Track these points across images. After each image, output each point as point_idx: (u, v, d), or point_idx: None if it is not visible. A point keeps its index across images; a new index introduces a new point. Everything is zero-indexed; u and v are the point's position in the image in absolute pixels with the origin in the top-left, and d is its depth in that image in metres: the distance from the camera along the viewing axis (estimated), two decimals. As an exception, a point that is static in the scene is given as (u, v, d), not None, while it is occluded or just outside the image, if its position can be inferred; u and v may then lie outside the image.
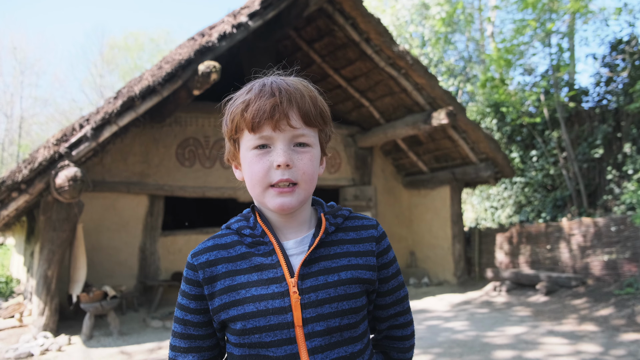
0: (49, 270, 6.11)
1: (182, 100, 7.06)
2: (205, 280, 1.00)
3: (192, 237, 8.65)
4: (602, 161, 10.53)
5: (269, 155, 0.97)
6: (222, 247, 1.04)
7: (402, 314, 1.15)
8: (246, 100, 0.98)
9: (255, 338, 0.96)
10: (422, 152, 10.33)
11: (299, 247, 1.03)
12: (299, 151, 0.98)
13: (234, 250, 1.03)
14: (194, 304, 1.02)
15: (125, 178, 8.11)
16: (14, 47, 29.22)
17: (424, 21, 17.41)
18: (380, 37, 8.35)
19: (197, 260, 1.02)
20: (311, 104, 1.00)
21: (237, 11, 7.16)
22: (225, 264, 1.01)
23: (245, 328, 0.96)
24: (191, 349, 1.03)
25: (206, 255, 1.03)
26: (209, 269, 1.01)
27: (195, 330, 1.03)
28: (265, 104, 0.95)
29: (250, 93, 0.99)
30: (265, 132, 0.96)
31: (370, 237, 1.08)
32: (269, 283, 0.97)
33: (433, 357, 4.69)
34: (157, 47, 29.83)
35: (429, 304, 7.77)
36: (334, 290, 0.99)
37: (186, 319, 1.03)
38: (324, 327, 0.97)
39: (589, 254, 8.14)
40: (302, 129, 0.98)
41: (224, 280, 1.00)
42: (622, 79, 10.25)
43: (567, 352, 4.67)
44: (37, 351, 5.31)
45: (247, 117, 0.96)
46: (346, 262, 1.03)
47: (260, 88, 0.99)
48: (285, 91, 0.98)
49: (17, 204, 5.88)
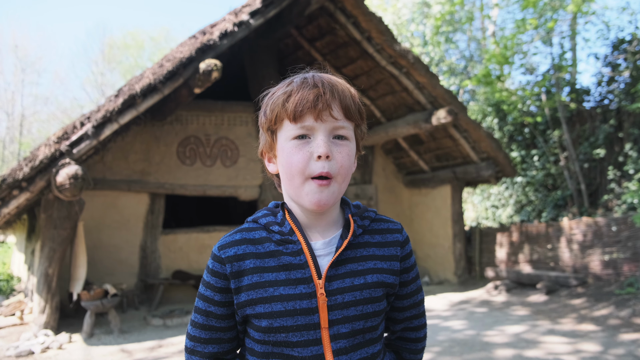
0: (50, 268, 6.12)
1: (183, 99, 7.06)
2: (232, 274, 1.00)
3: (193, 236, 8.65)
4: (603, 161, 10.52)
5: (309, 145, 0.97)
6: (250, 242, 1.03)
7: (417, 317, 1.17)
8: (288, 92, 0.99)
9: (281, 337, 0.97)
10: (423, 151, 10.33)
11: (327, 247, 1.03)
12: (338, 144, 0.98)
13: (262, 246, 1.02)
14: (219, 297, 1.02)
15: (126, 176, 8.11)
16: (16, 45, 29.25)
17: (425, 20, 17.38)
18: (381, 36, 8.34)
19: (225, 254, 1.01)
20: (351, 98, 1.01)
21: (239, 9, 7.16)
22: (254, 260, 1.00)
23: (271, 326, 0.96)
24: (212, 340, 1.04)
25: (234, 249, 1.02)
26: (237, 263, 1.00)
27: (218, 322, 1.03)
28: (309, 94, 0.96)
29: (291, 85, 1.00)
30: (307, 122, 0.96)
31: (395, 241, 1.09)
32: (297, 283, 0.98)
33: (433, 355, 4.69)
34: (158, 45, 29.84)
35: (429, 303, 7.78)
36: (359, 293, 1.00)
37: (209, 310, 1.03)
38: (349, 329, 0.99)
39: (590, 253, 8.13)
40: (342, 121, 0.98)
41: (251, 275, 0.99)
42: (624, 79, 10.23)
43: (566, 351, 4.67)
44: (38, 349, 5.32)
45: (289, 106, 0.96)
46: (372, 265, 1.04)
47: (302, 80, 1.00)
48: (328, 83, 0.99)
49: (18, 202, 5.88)
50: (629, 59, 10.06)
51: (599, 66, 10.97)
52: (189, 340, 1.06)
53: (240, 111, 9.10)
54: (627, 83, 10.10)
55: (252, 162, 9.07)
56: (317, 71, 1.06)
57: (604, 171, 10.46)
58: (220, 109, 8.92)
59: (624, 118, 10.11)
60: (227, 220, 11.93)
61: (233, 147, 9.00)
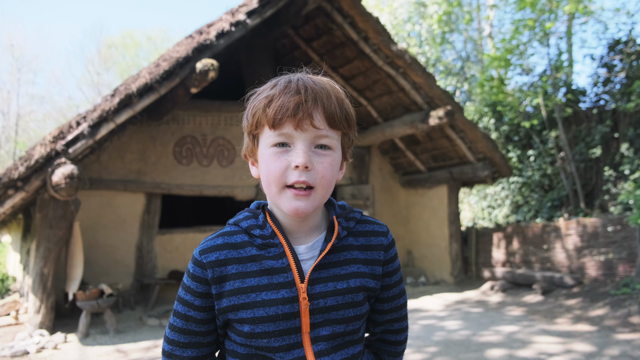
0: (45, 268, 6.09)
1: (180, 98, 7.05)
2: (213, 279, 0.98)
3: (189, 236, 8.64)
4: (599, 161, 10.55)
5: (288, 154, 0.94)
6: (232, 247, 1.00)
7: (398, 320, 1.16)
8: (270, 96, 0.95)
9: (263, 342, 0.96)
10: (419, 151, 10.34)
11: (310, 251, 1.02)
12: (319, 153, 0.95)
13: (244, 251, 1.00)
14: (199, 301, 1.00)
15: (122, 176, 8.09)
16: (11, 45, 29.17)
17: (421, 20, 17.41)
18: (378, 36, 8.35)
19: (206, 258, 0.99)
20: (337, 106, 0.96)
21: (236, 9, 7.15)
22: (236, 265, 0.98)
23: (253, 332, 0.95)
24: (190, 344, 1.02)
25: (216, 254, 0.99)
26: (219, 269, 0.98)
27: (197, 326, 1.01)
28: (290, 101, 0.92)
29: (274, 88, 0.96)
30: (286, 130, 0.93)
31: (379, 245, 1.07)
32: (279, 287, 0.96)
33: (428, 356, 4.70)
34: (154, 45, 29.78)
35: (425, 303, 7.78)
36: (342, 297, 0.99)
37: (189, 314, 1.01)
38: (330, 332, 0.98)
39: (585, 254, 8.16)
40: (325, 130, 0.94)
41: (233, 281, 0.97)
42: (620, 80, 10.27)
43: (561, 350, 4.68)
44: (33, 349, 5.30)
45: (269, 113, 0.93)
46: (355, 269, 1.02)
47: (285, 84, 0.95)
48: (312, 89, 0.94)
49: (13, 202, 5.86)
50: (624, 59, 10.09)
51: (595, 67, 11.00)
52: (166, 343, 1.03)
53: (237, 111, 9.00)
54: (623, 84, 10.14)
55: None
56: (306, 73, 1.02)
57: (600, 172, 10.49)
58: (216, 109, 8.90)
59: (620, 119, 10.15)
60: (223, 220, 11.91)
61: (230, 147, 8.99)
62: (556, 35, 11.34)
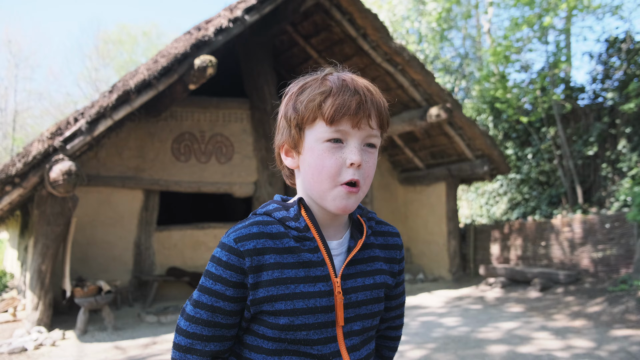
0: (43, 265, 6.08)
1: (178, 95, 7.03)
2: (251, 268, 0.96)
3: (188, 232, 8.63)
4: (597, 158, 10.57)
5: (342, 151, 0.96)
6: (268, 237, 0.99)
7: (399, 317, 1.22)
8: (325, 92, 0.97)
9: (301, 335, 0.96)
10: (418, 148, 10.34)
11: (340, 247, 1.04)
12: (368, 152, 0.99)
13: (280, 242, 0.99)
14: (231, 291, 0.97)
15: (120, 172, 8.07)
16: (9, 40, 29.00)
17: (420, 17, 17.38)
18: (377, 33, 8.33)
19: (244, 246, 0.96)
20: (384, 107, 1.01)
21: (234, 5, 7.13)
22: (273, 255, 0.97)
23: (292, 324, 0.95)
24: (214, 337, 0.98)
25: (253, 242, 0.97)
26: (257, 257, 0.96)
27: (224, 318, 0.98)
28: (351, 101, 0.95)
29: (327, 85, 0.98)
30: (343, 127, 0.95)
31: (395, 244, 1.13)
32: (315, 281, 0.97)
33: (428, 352, 4.71)
34: (151, 41, 29.70)
35: (423, 300, 7.80)
36: (369, 293, 1.03)
37: (216, 305, 0.97)
38: (360, 326, 1.02)
39: (583, 250, 8.18)
40: (375, 130, 0.99)
41: (272, 271, 0.96)
42: (618, 77, 10.28)
43: (559, 347, 4.70)
44: (31, 346, 5.29)
45: (329, 109, 0.95)
46: (378, 266, 1.07)
47: (340, 82, 0.98)
48: (367, 90, 0.98)
49: (10, 198, 5.84)
50: (622, 57, 10.10)
51: (593, 64, 11.01)
52: (183, 337, 0.99)
53: (235, 108, 9.07)
54: (621, 81, 10.15)
55: (246, 159, 9.05)
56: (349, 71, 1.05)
57: (598, 168, 10.51)
58: (215, 106, 8.88)
59: (618, 116, 10.17)
60: (222, 217, 11.90)
61: (228, 143, 8.98)
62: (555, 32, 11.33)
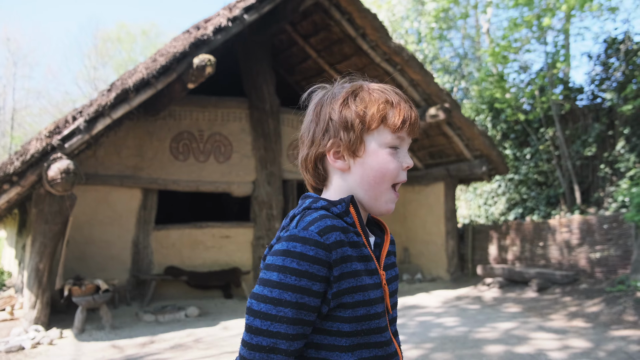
0: (41, 264, 6.07)
1: (177, 94, 7.02)
2: (336, 261, 0.95)
3: (186, 232, 8.62)
4: (595, 159, 10.59)
5: (398, 156, 1.06)
6: (341, 230, 0.99)
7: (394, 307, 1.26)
8: (391, 101, 1.05)
9: (374, 324, 0.99)
10: (416, 148, 10.35)
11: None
12: None
13: (346, 236, 0.99)
14: (318, 286, 0.94)
15: (119, 171, 8.06)
16: (8, 38, 28.93)
17: (419, 17, 17.39)
18: (376, 33, 8.33)
19: (328, 239, 0.95)
20: None
21: (233, 4, 7.12)
22: (348, 247, 0.98)
23: (369, 314, 0.98)
24: (299, 336, 0.94)
25: (335, 235, 0.96)
26: (340, 250, 0.96)
27: (308, 315, 0.95)
28: (411, 112, 1.06)
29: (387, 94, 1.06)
30: (402, 135, 1.06)
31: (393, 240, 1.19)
32: (371, 274, 1.02)
33: (425, 352, 4.71)
34: (150, 40, 29.66)
35: (421, 300, 7.80)
36: (395, 283, 1.11)
37: (302, 302, 0.93)
38: (394, 315, 1.11)
39: (581, 251, 8.19)
40: None
41: (350, 263, 0.97)
42: (617, 78, 10.29)
43: (557, 347, 4.70)
44: (29, 344, 5.29)
45: (396, 117, 1.04)
46: (394, 259, 1.15)
47: (395, 93, 1.07)
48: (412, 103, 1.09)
49: (8, 196, 5.83)
50: (621, 58, 10.12)
51: (592, 65, 11.02)
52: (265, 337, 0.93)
53: (234, 107, 9.06)
54: (620, 82, 10.16)
55: (245, 158, 9.04)
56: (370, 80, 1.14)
57: (596, 169, 10.53)
58: (214, 105, 8.87)
59: (616, 116, 10.18)
60: (220, 216, 11.89)
61: (226, 142, 8.97)
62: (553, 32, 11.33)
